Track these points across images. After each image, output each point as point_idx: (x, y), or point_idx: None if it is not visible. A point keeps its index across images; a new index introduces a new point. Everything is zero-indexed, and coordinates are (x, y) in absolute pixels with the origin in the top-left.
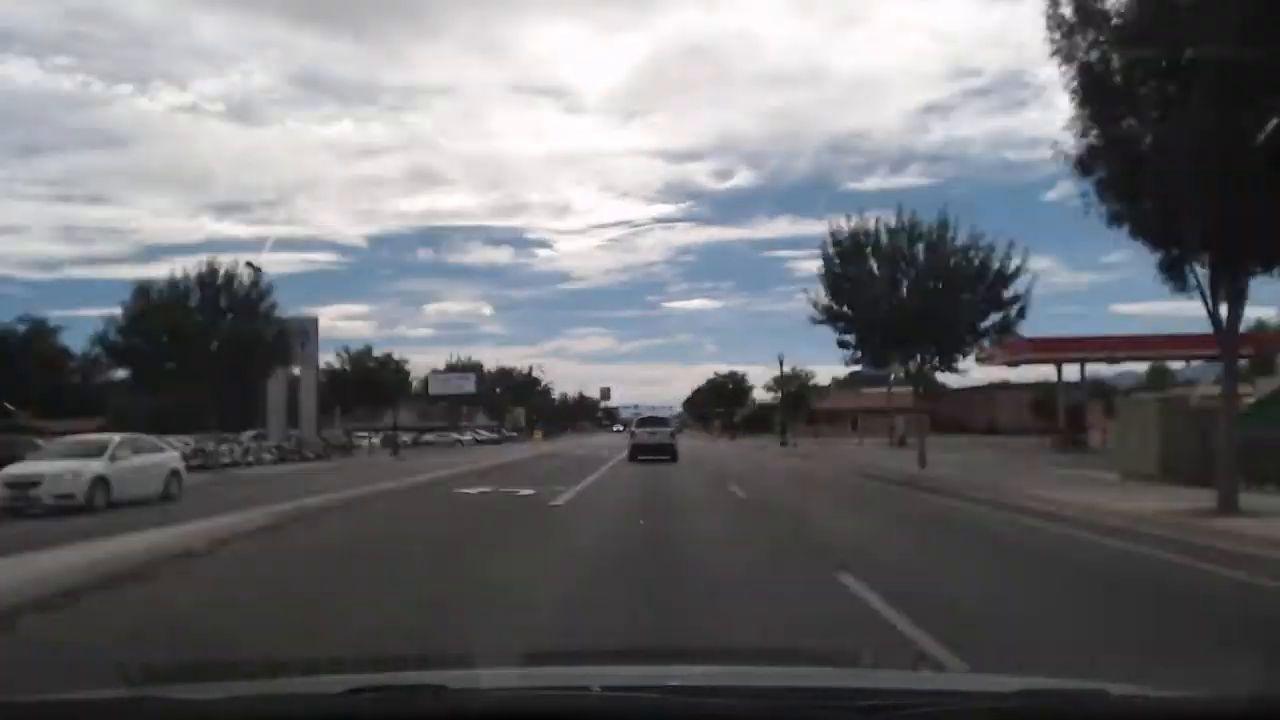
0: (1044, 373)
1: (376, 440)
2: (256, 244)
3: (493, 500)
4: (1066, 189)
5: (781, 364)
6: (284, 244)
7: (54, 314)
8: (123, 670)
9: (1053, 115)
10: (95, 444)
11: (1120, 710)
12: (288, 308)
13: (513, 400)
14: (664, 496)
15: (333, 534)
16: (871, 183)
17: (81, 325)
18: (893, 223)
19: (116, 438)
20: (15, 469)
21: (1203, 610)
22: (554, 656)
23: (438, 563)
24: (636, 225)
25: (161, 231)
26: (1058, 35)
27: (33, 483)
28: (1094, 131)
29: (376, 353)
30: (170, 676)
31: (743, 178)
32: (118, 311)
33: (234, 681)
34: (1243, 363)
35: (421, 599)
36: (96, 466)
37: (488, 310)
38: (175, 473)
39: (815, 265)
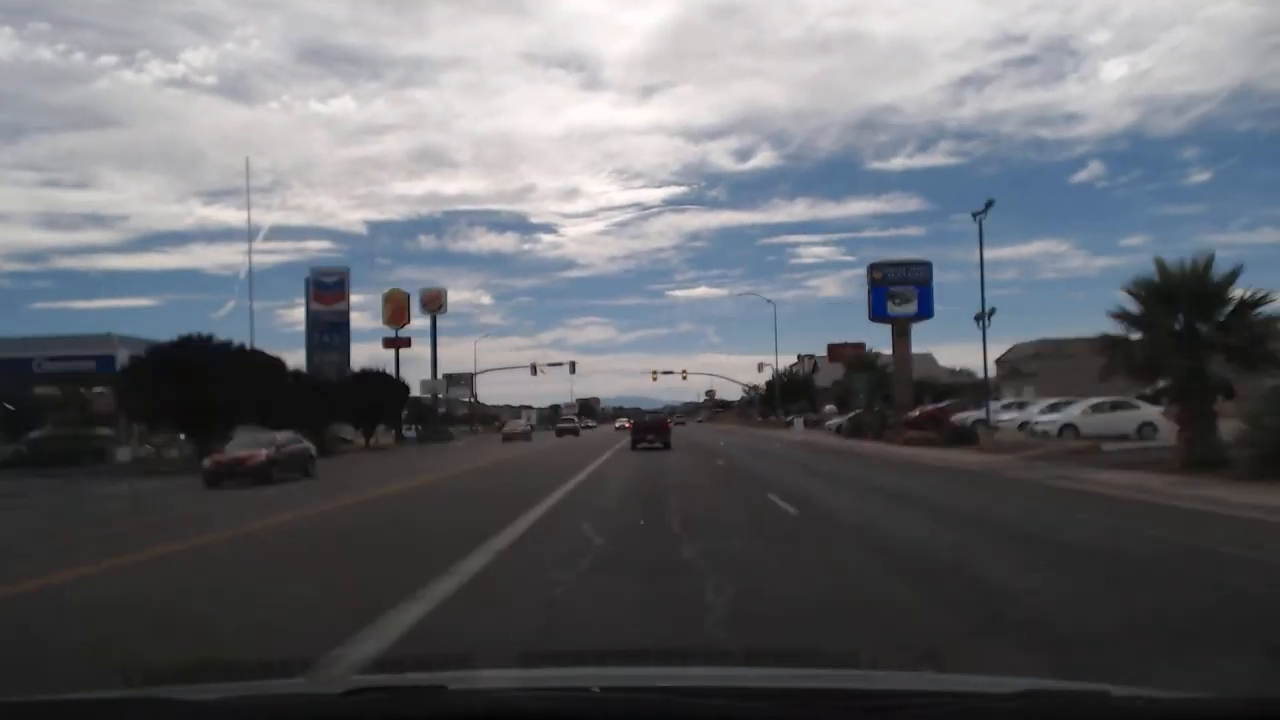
0: None
1: None
2: (249, 232)
3: None
4: (1096, 170)
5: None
6: (278, 231)
7: (40, 306)
8: (123, 670)
9: (1094, 89)
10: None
11: (1121, 711)
12: (280, 298)
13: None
14: None
15: None
16: (897, 162)
17: (89, 318)
18: None
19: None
20: None
21: None
22: (554, 656)
23: None
24: (646, 208)
25: (149, 217)
26: None
27: None
28: None
29: None
30: (170, 676)
31: (764, 158)
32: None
33: (234, 681)
34: None
35: None
36: None
37: (487, 300)
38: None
39: (827, 251)
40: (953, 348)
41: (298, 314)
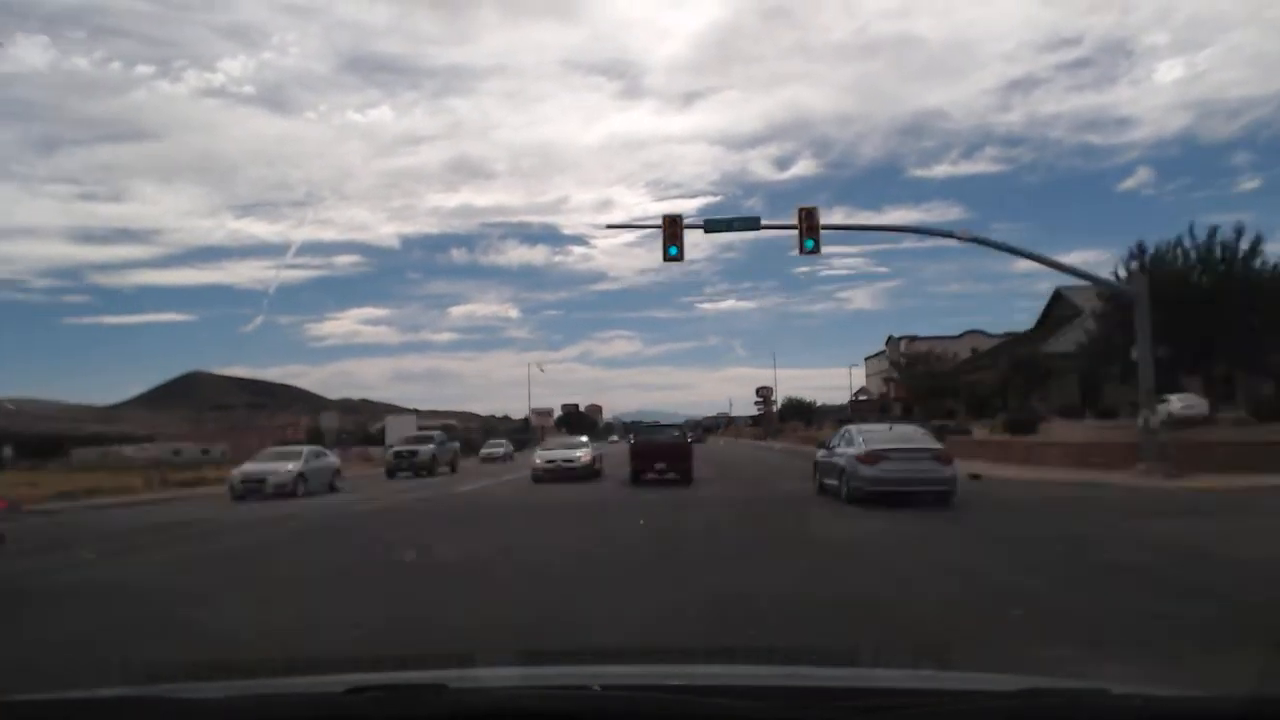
0: None
1: None
2: (281, 246)
3: None
4: (1144, 176)
5: None
6: (309, 247)
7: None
8: (124, 669)
9: (1147, 93)
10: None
11: (1120, 710)
12: (309, 313)
13: None
14: None
15: None
16: (940, 170)
17: (155, 331)
18: None
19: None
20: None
21: None
22: (554, 655)
23: None
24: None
25: (182, 232)
26: None
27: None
28: None
29: None
30: (171, 676)
31: (804, 166)
32: None
33: (235, 681)
34: None
35: None
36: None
37: (514, 313)
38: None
39: (859, 262)
40: None
41: (327, 328)
